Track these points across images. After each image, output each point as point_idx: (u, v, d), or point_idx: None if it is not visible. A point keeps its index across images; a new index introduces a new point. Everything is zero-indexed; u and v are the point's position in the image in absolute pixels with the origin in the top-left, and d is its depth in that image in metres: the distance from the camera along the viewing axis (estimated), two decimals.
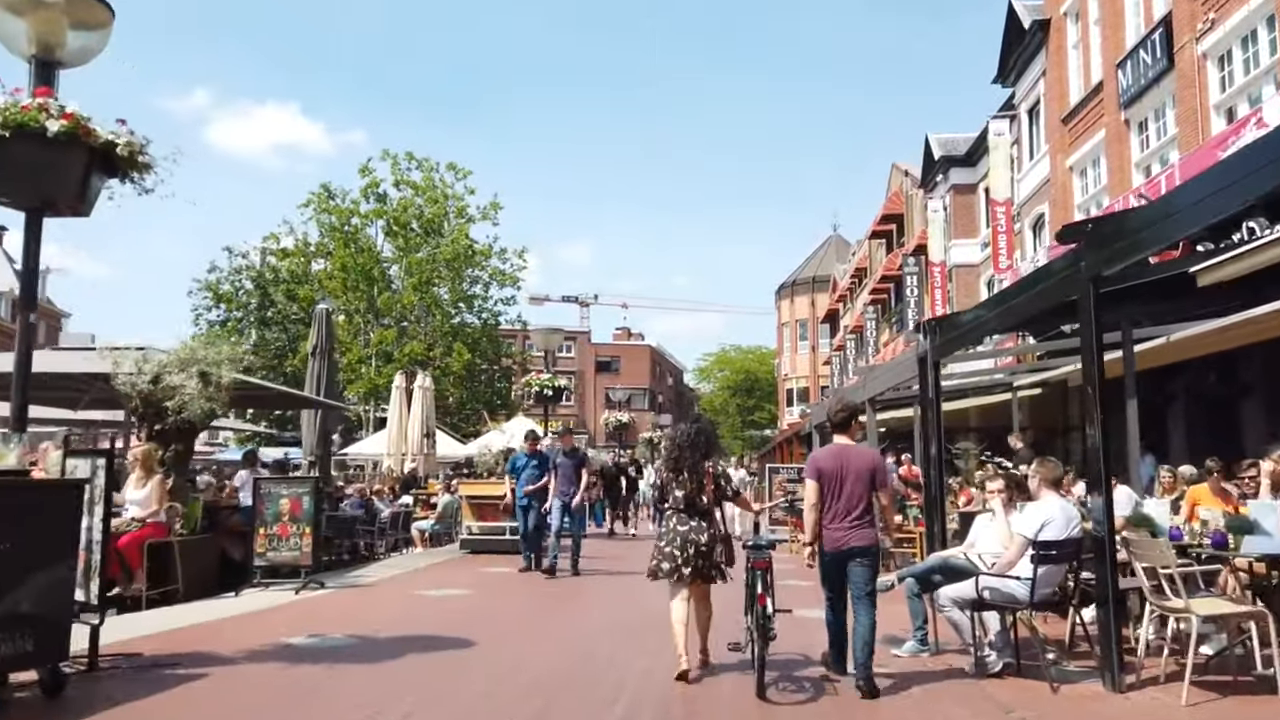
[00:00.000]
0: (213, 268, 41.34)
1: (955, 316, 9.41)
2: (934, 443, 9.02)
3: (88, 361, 10.58)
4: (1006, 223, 21.60)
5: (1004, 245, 21.46)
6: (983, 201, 26.44)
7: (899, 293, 33.95)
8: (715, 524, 5.96)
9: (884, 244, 37.12)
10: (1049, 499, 6.01)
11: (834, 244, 54.44)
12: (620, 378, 58.10)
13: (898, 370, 11.95)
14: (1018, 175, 22.17)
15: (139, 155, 5.69)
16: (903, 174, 33.37)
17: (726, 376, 70.10)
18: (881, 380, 12.54)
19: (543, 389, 15.65)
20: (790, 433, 35.95)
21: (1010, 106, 22.50)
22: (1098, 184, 18.30)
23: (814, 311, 52.51)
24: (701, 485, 5.92)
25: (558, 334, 17.65)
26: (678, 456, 6.00)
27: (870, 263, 39.12)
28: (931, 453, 9.10)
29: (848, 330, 42.53)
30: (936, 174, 27.69)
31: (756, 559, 5.67)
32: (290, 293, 40.69)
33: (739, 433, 67.86)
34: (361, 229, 40.29)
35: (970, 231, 26.76)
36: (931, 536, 9.15)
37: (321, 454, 16.41)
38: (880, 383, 12.55)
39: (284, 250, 40.75)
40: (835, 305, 48.06)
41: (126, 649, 6.23)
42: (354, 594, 9.63)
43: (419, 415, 22.00)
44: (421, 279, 39.16)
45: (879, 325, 37.39)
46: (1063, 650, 6.69)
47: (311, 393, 16.82)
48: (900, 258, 31.37)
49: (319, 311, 17.33)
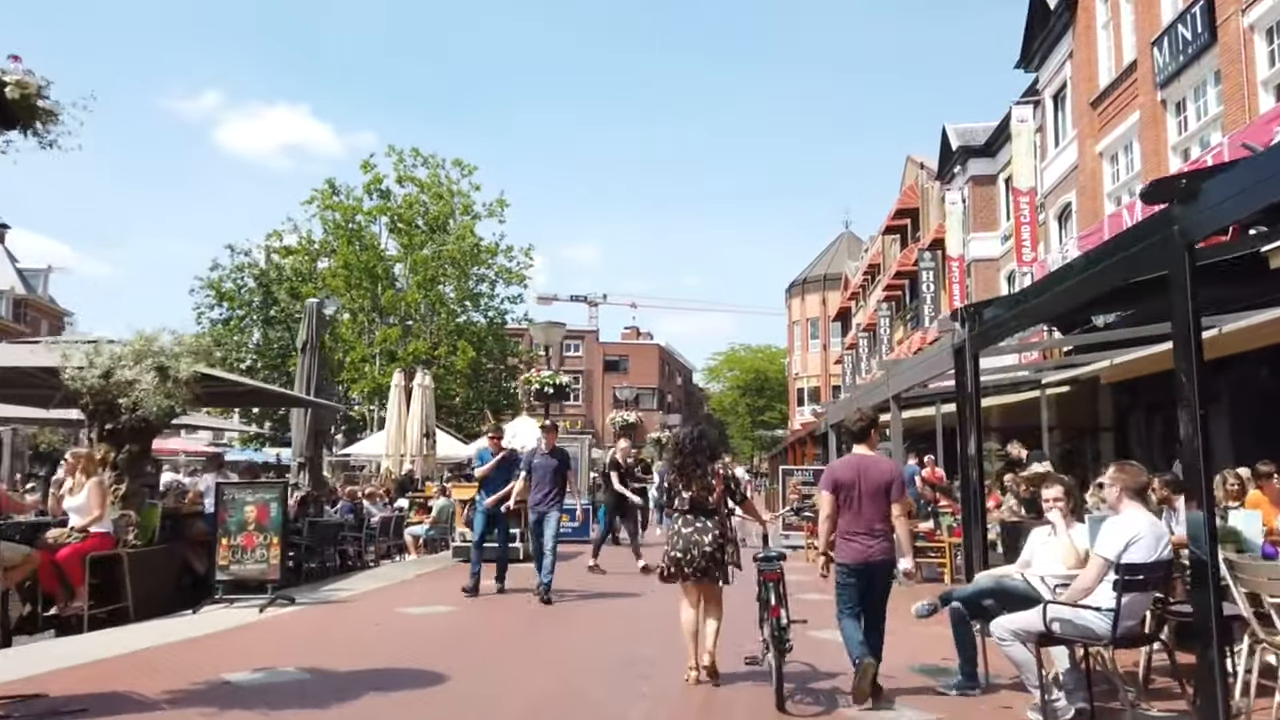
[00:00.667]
0: (214, 265, 40.50)
1: (996, 301, 8.36)
2: (972, 440, 7.97)
3: (35, 355, 9.62)
4: (1030, 213, 20.48)
5: (1027, 237, 20.34)
6: (1003, 192, 25.31)
7: (914, 289, 32.82)
8: (724, 526, 5.81)
9: (898, 239, 36.00)
10: (1133, 512, 4.95)
11: (846, 241, 53.27)
12: (628, 377, 57.07)
13: (928, 364, 10.90)
14: (1042, 164, 21.04)
15: (36, 100, 4.71)
16: (918, 167, 32.25)
17: (736, 376, 68.97)
18: (908, 375, 11.49)
19: (543, 386, 14.64)
20: (803, 433, 34.89)
21: (1034, 92, 21.38)
22: (1130, 170, 17.18)
23: (825, 310, 51.37)
24: (709, 487, 5.79)
25: (558, 328, 16.65)
26: (683, 460, 5.87)
27: (884, 259, 37.99)
28: (970, 452, 8.05)
29: (860, 328, 41.39)
30: (954, 165, 26.57)
31: (767, 570, 5.57)
32: (294, 290, 39.83)
33: (749, 433, 66.77)
34: (365, 226, 39.40)
35: (990, 224, 25.64)
36: (971, 549, 8.10)
37: (312, 455, 15.45)
38: (906, 378, 11.51)
39: (287, 248, 39.90)
40: (847, 303, 46.91)
41: (34, 686, 5.24)
42: (326, 612, 8.61)
43: (419, 414, 21.03)
44: (426, 276, 38.25)
45: (893, 323, 36.26)
46: (1139, 688, 5.63)
47: (301, 390, 15.85)
48: (916, 253, 30.26)
49: (310, 305, 16.38)
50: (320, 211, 38.75)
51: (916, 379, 12.27)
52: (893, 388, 11.94)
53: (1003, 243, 25.10)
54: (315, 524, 11.36)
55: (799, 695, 5.48)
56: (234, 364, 37.82)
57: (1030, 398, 16.30)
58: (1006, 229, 24.89)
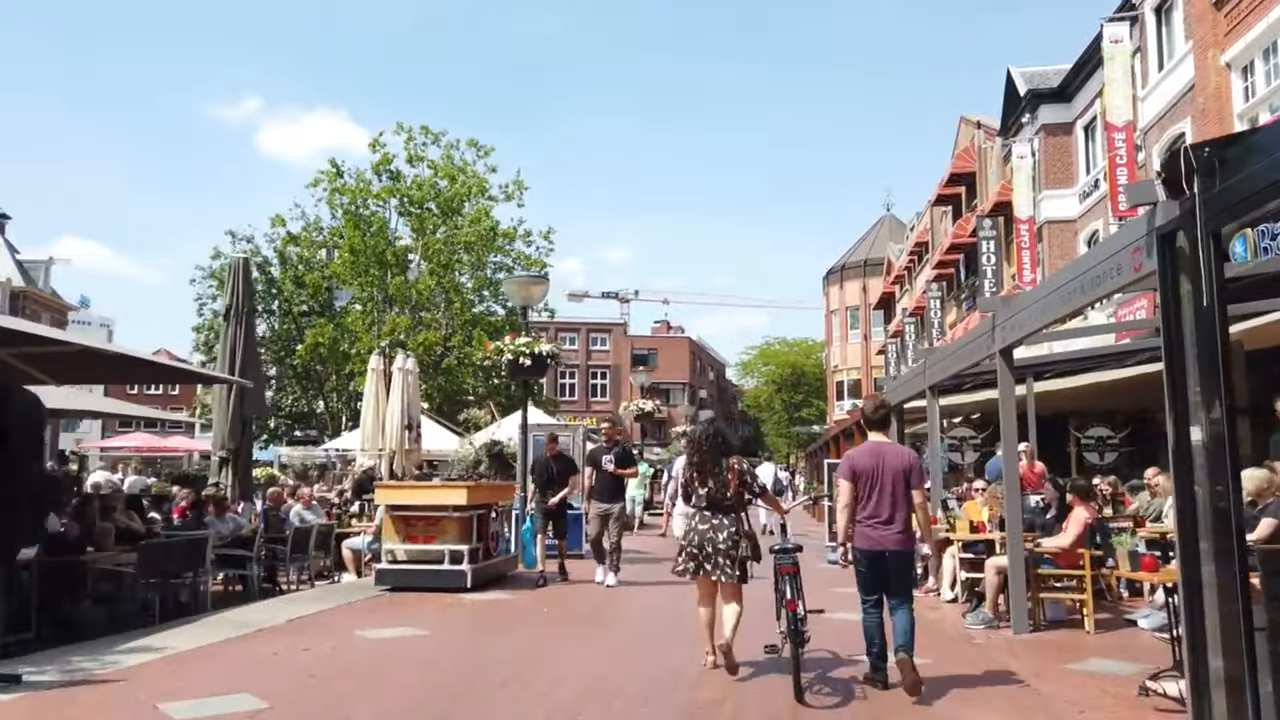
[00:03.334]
0: (216, 254, 37.48)
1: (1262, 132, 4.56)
2: (1215, 407, 4.18)
3: None
4: (1128, 152, 16.53)
5: (1125, 179, 16.38)
6: (1081, 142, 21.30)
7: (971, 263, 28.82)
8: (740, 522, 5.71)
9: (949, 211, 31.97)
10: None
11: (887, 224, 49.12)
12: (658, 372, 53.45)
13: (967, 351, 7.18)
14: (1141, 93, 17.07)
15: None
16: (973, 126, 28.24)
17: (771, 371, 65.00)
18: (1029, 317, 7.67)
19: (518, 356, 11.16)
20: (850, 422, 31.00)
21: (1129, 7, 17.39)
22: (1269, 81, 13.24)
23: (866, 297, 47.26)
24: (725, 483, 5.66)
25: (539, 285, 12.96)
26: (699, 456, 5.74)
27: (932, 235, 33.97)
28: (1205, 430, 4.26)
29: (906, 314, 37.35)
30: (1021, 114, 22.57)
31: (783, 564, 5.54)
32: (298, 279, 36.74)
33: (785, 430, 62.80)
34: (374, 210, 36.17)
35: (1065, 180, 21.62)
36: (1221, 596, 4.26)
37: (237, 449, 12.03)
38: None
39: (291, 235, 36.81)
40: (890, 288, 42.84)
41: None
42: (48, 711, 5.03)
43: (399, 403, 17.59)
44: (439, 263, 34.96)
45: (944, 305, 32.23)
46: None
47: (223, 366, 12.46)
48: (973, 221, 26.27)
49: (235, 263, 13.00)
50: (328, 195, 35.68)
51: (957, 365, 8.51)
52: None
53: (1081, 200, 21.10)
54: (155, 543, 7.85)
55: (818, 685, 5.40)
56: None
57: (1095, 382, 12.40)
58: (1086, 184, 20.89)
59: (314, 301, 38.30)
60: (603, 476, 10.31)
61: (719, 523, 5.58)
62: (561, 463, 10.96)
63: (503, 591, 9.31)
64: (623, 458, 10.52)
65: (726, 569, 5.52)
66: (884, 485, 5.30)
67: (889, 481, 5.29)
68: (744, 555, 5.57)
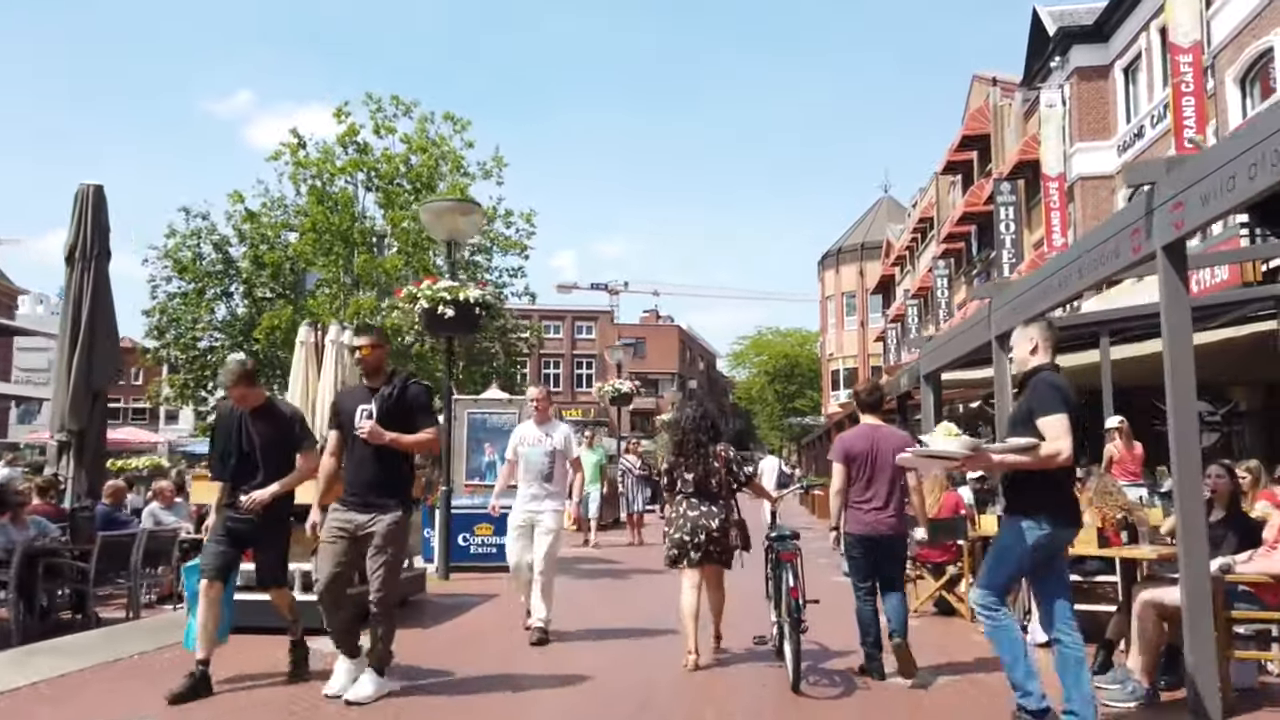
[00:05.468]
0: (171, 232, 34.27)
1: None
2: None
3: None
4: (1195, 79, 13.69)
5: (1192, 112, 13.55)
6: (1121, 86, 18.45)
7: (984, 235, 26.00)
8: (729, 508, 5.53)
9: (958, 181, 29.15)
10: None
11: (885, 206, 46.28)
12: (645, 361, 50.53)
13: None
14: (1209, 10, 14.22)
15: None
16: (988, 83, 25.38)
17: (764, 362, 62.04)
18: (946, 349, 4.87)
19: (436, 305, 8.25)
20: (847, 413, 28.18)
21: None
22: None
23: (863, 282, 44.43)
24: (712, 469, 5.47)
25: (466, 213, 9.66)
26: (683, 440, 5.55)
27: (938, 209, 31.14)
28: None
29: (908, 295, 34.54)
30: (1050, 57, 19.68)
31: (783, 551, 5.26)
32: (257, 258, 33.59)
33: (777, 422, 59.91)
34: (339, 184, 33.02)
35: (1101, 130, 18.78)
36: None
37: (82, 431, 9.04)
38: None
39: (250, 212, 33.64)
40: (890, 271, 40.01)
41: None
42: None
43: (331, 382, 14.56)
44: (409, 242, 31.92)
45: (952, 283, 29.42)
46: None
47: (65, 325, 9.51)
48: (990, 186, 23.42)
49: (82, 191, 10.01)
50: (292, 170, 32.59)
51: (1053, 298, 5.77)
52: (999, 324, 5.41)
53: (1120, 153, 18.27)
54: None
55: (813, 676, 5.24)
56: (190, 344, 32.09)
57: (1222, 338, 9.55)
58: (1126, 134, 18.04)
59: (276, 284, 35.13)
60: (358, 451, 4.90)
61: (708, 509, 5.44)
62: (272, 424, 5.10)
63: (401, 627, 6.39)
64: (398, 407, 4.87)
65: (716, 556, 5.42)
66: (878, 469, 5.16)
67: (883, 465, 5.14)
68: (734, 544, 5.47)
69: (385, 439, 4.69)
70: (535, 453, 6.37)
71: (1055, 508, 3.91)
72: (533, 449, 6.39)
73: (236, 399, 5.03)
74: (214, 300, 34.51)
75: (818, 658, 5.69)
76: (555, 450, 6.39)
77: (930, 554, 7.27)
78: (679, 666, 5.43)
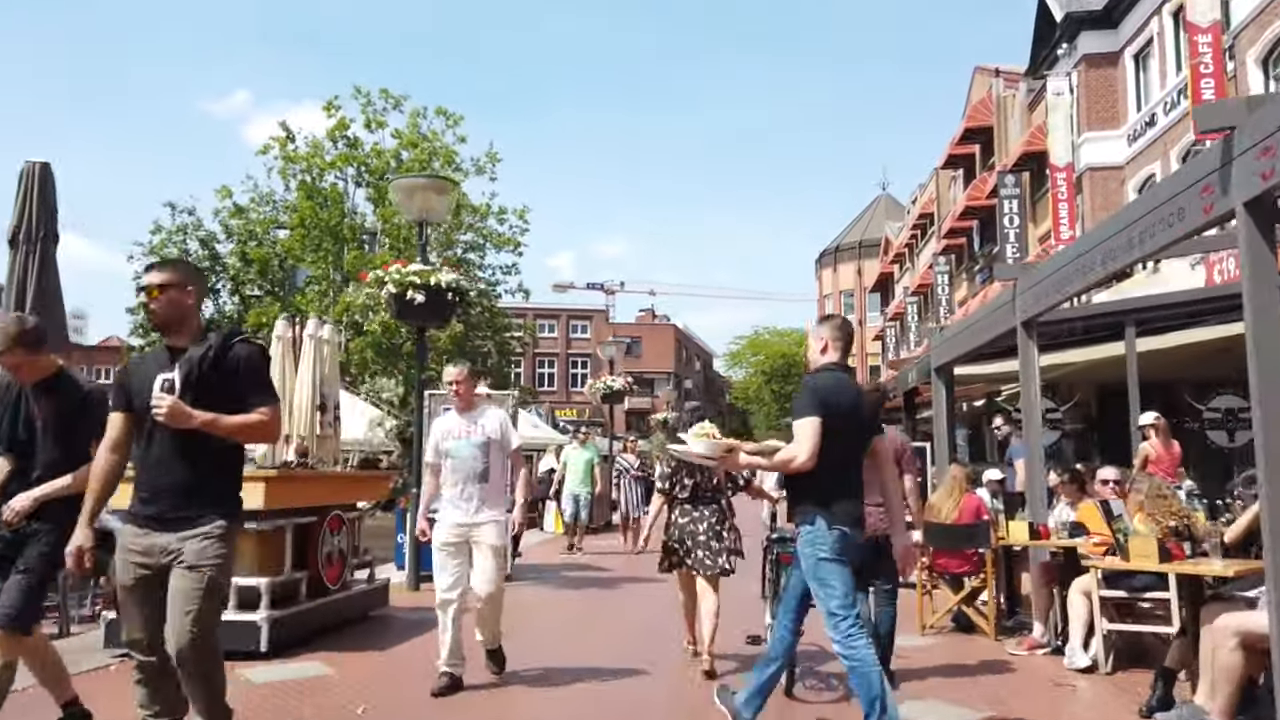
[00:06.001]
0: (156, 228, 33.50)
1: None
2: None
3: None
4: (1214, 59, 13.00)
5: (1212, 94, 12.85)
6: (1130, 74, 17.77)
7: (986, 230, 25.32)
8: (724, 513, 5.35)
9: (959, 176, 28.45)
10: None
11: (883, 204, 45.59)
12: (641, 361, 49.78)
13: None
14: None
15: None
16: (990, 75, 24.68)
17: (760, 362, 61.36)
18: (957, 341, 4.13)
19: (404, 289, 7.51)
20: None
21: None
22: None
23: (861, 280, 43.75)
24: (710, 473, 5.29)
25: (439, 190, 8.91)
26: None
27: (938, 204, 30.45)
28: None
29: (908, 293, 33.86)
30: (1057, 44, 19.00)
31: (783, 553, 4.96)
32: (245, 255, 32.83)
33: (775, 422, 59.17)
34: (324, 177, 32.26)
35: (1110, 119, 18.10)
36: None
37: None
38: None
39: (238, 207, 32.88)
40: (888, 268, 39.31)
41: None
42: None
43: (309, 378, 13.77)
44: (400, 238, 31.17)
45: (953, 279, 28.72)
46: None
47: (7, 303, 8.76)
48: (994, 179, 22.72)
49: (26, 169, 9.26)
50: (281, 165, 31.82)
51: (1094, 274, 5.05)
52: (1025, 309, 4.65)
53: (1130, 142, 17.59)
54: None
55: (807, 678, 5.04)
56: None
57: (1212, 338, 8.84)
58: (1137, 123, 17.36)
59: (264, 281, 34.36)
60: (157, 441, 3.30)
61: (699, 515, 5.32)
62: (60, 402, 3.82)
63: (335, 653, 5.60)
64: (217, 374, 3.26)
65: (706, 563, 5.24)
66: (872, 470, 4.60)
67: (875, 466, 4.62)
68: (727, 547, 5.30)
69: (194, 421, 3.06)
70: (463, 447, 4.91)
71: (827, 511, 3.80)
72: (459, 444, 4.93)
73: (10, 368, 3.72)
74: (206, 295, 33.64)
75: (818, 658, 5.44)
76: (490, 441, 4.94)
77: (948, 563, 6.54)
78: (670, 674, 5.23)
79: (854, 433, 3.87)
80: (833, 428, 3.72)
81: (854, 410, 3.86)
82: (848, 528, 3.81)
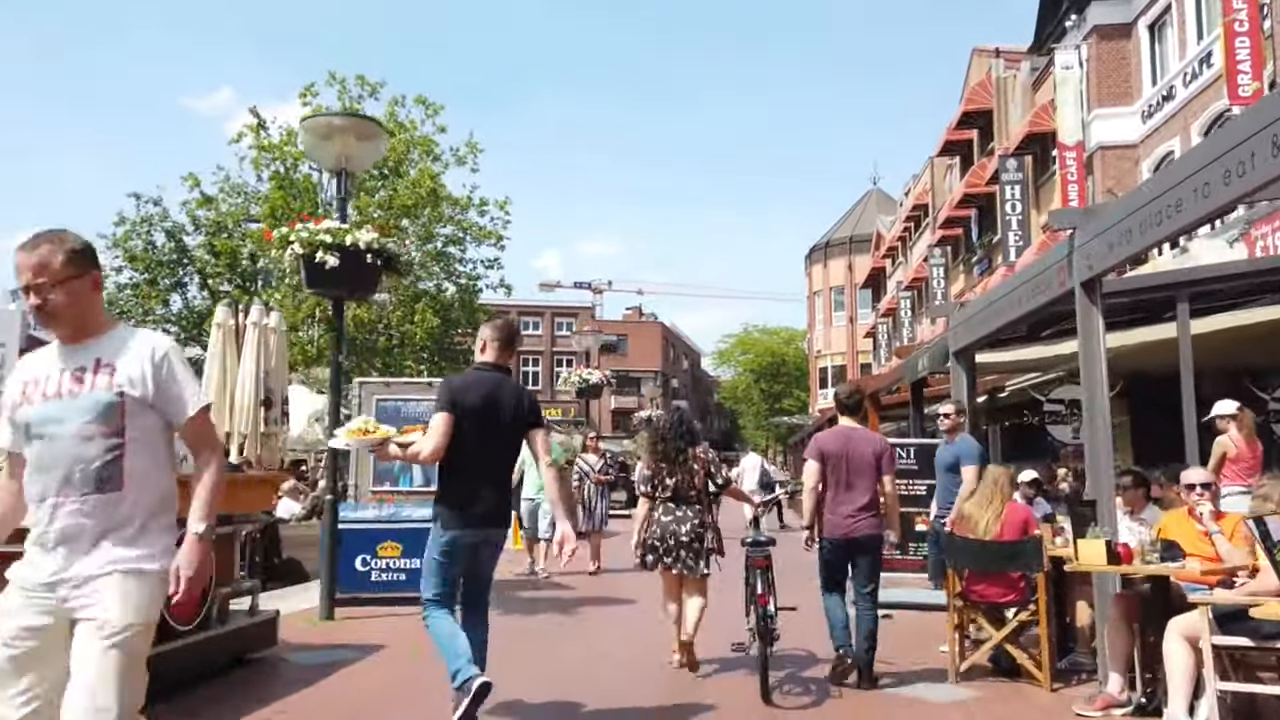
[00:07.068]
0: (120, 219, 31.81)
1: None
2: None
3: None
4: (1251, 16, 11.70)
5: (1248, 54, 11.55)
6: (1145, 46, 16.48)
7: (985, 219, 24.03)
8: (704, 514, 5.29)
9: (956, 164, 27.16)
10: None
11: (874, 198, 44.31)
12: (627, 359, 48.35)
13: None
14: None
15: None
16: (990, 56, 23.40)
17: (749, 360, 59.92)
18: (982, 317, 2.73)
19: (314, 251, 6.12)
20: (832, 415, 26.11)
21: None
22: None
23: (852, 276, 42.42)
24: (692, 472, 5.26)
25: (366, 134, 7.48)
26: (664, 445, 5.28)
27: (933, 194, 29.16)
28: None
29: (901, 288, 32.57)
30: (1065, 16, 17.72)
31: (756, 556, 5.09)
32: (211, 247, 31.19)
33: (763, 421, 57.80)
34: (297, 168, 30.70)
35: (1123, 95, 16.82)
36: None
37: None
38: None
39: (205, 196, 31.23)
40: (880, 263, 38.04)
41: None
42: None
43: (251, 371, 12.17)
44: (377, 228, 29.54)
45: (949, 272, 27.42)
46: None
47: None
48: (994, 163, 21.42)
49: None
50: (254, 154, 30.27)
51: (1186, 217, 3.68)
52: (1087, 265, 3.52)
53: (1145, 118, 16.29)
54: None
55: (787, 685, 5.01)
56: None
57: None
58: (1152, 98, 16.05)
59: (233, 274, 32.71)
60: None
61: (682, 514, 5.21)
62: None
63: (216, 706, 4.19)
64: None
65: (688, 562, 5.17)
66: (851, 471, 5.05)
67: (856, 467, 5.05)
68: (708, 548, 5.22)
69: None
70: (58, 414, 2.52)
71: (446, 510, 3.91)
72: (48, 407, 2.53)
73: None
74: (167, 291, 32.07)
75: (801, 664, 5.45)
76: (125, 398, 2.53)
77: (986, 590, 5.14)
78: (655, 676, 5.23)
79: (491, 429, 3.89)
80: (463, 425, 3.82)
81: (489, 407, 3.90)
82: (458, 530, 3.86)
